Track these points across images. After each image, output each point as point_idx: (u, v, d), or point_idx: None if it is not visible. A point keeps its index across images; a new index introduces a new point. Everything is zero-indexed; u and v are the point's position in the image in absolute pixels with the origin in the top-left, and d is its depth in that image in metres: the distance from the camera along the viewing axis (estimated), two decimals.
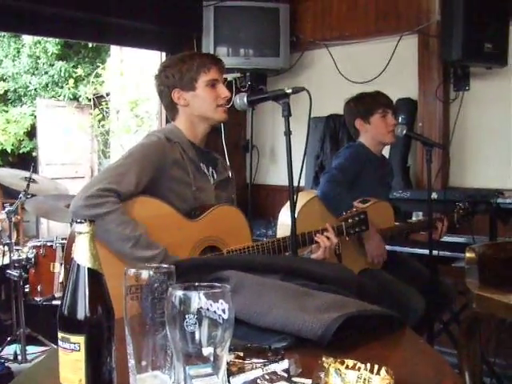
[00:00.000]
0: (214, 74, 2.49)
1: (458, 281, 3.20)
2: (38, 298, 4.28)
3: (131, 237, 2.17)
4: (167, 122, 2.69)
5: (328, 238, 2.67)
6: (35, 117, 10.69)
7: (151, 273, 1.08)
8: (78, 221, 1.02)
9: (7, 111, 11.01)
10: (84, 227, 1.02)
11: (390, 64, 4.49)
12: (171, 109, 2.55)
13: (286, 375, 1.09)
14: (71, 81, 10.40)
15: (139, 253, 2.17)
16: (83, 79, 10.53)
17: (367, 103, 3.35)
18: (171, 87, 2.49)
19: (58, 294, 4.25)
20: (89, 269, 1.02)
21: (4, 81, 10.96)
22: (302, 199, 3.04)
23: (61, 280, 4.22)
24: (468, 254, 2.17)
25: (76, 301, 1.01)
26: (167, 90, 2.50)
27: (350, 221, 2.82)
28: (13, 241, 4.20)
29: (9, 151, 10.83)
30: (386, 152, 3.76)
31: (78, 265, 1.02)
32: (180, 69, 2.47)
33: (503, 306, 1.76)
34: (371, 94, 3.40)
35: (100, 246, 2.10)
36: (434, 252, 3.17)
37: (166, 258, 2.20)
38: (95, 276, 1.03)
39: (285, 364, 1.12)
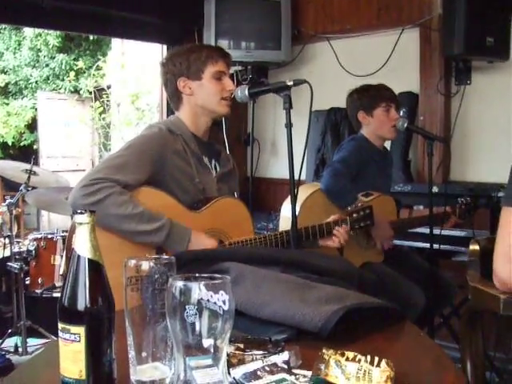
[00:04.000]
0: (221, 67, 2.49)
1: (459, 275, 3.21)
2: (38, 291, 4.29)
3: (134, 214, 2.17)
4: (168, 114, 2.68)
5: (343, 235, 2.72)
6: (36, 109, 10.69)
7: (151, 264, 1.07)
8: (78, 211, 1.02)
9: (8, 104, 11.00)
10: (84, 218, 1.02)
11: (391, 57, 4.48)
12: (176, 98, 2.53)
13: (286, 367, 1.09)
14: (72, 73, 10.39)
15: (145, 227, 2.18)
16: (84, 72, 10.52)
17: (371, 96, 3.33)
18: (177, 75, 2.48)
19: (58, 286, 4.26)
20: (89, 259, 1.02)
21: (5, 73, 10.95)
22: (305, 192, 3.04)
23: (61, 272, 4.23)
24: (471, 247, 2.17)
25: (76, 291, 1.01)
26: (173, 78, 2.49)
27: (354, 215, 2.82)
28: (13, 233, 4.20)
29: (10, 144, 10.84)
30: (387, 145, 3.75)
31: (79, 255, 1.02)
32: (188, 57, 2.47)
33: (494, 299, 1.76)
34: (375, 87, 3.38)
35: (101, 234, 2.09)
36: (435, 246, 3.17)
37: (171, 226, 2.22)
38: (95, 267, 1.02)
39: (285, 356, 1.12)
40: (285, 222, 2.97)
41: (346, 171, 3.12)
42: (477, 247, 2.14)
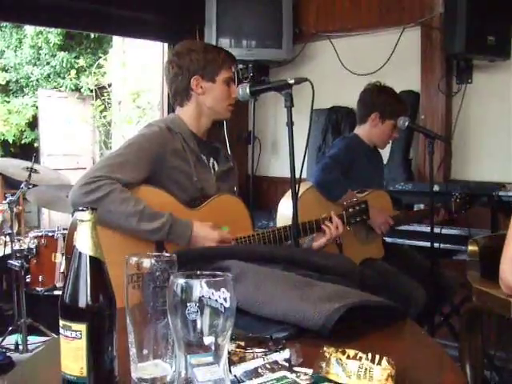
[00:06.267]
0: (231, 73, 2.51)
1: (459, 273, 3.21)
2: (39, 288, 4.28)
3: (135, 212, 2.15)
4: (169, 112, 2.67)
5: (337, 227, 2.68)
6: (37, 107, 10.69)
7: (153, 261, 1.08)
8: (80, 208, 1.02)
9: (9, 102, 11.00)
10: (86, 215, 1.02)
11: (392, 56, 4.48)
12: (184, 94, 2.50)
13: (287, 365, 1.09)
14: (73, 71, 10.40)
15: (146, 226, 2.16)
16: (85, 70, 10.51)
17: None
18: (192, 72, 2.45)
19: (59, 284, 4.26)
20: (90, 257, 1.02)
21: (6, 71, 10.95)
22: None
23: (62, 270, 4.23)
24: (470, 247, 2.17)
25: (78, 289, 1.01)
26: (187, 73, 2.46)
27: (350, 210, 2.83)
28: (14, 231, 4.20)
29: (11, 142, 10.84)
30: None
31: (80, 253, 1.02)
32: (205, 57, 2.45)
33: (500, 302, 1.75)
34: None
35: (103, 233, 2.09)
36: (435, 244, 3.17)
37: (173, 223, 2.20)
38: (97, 264, 1.02)
39: (286, 354, 1.12)
40: (281, 219, 2.97)
41: (335, 165, 3.12)
42: (476, 248, 2.14)
